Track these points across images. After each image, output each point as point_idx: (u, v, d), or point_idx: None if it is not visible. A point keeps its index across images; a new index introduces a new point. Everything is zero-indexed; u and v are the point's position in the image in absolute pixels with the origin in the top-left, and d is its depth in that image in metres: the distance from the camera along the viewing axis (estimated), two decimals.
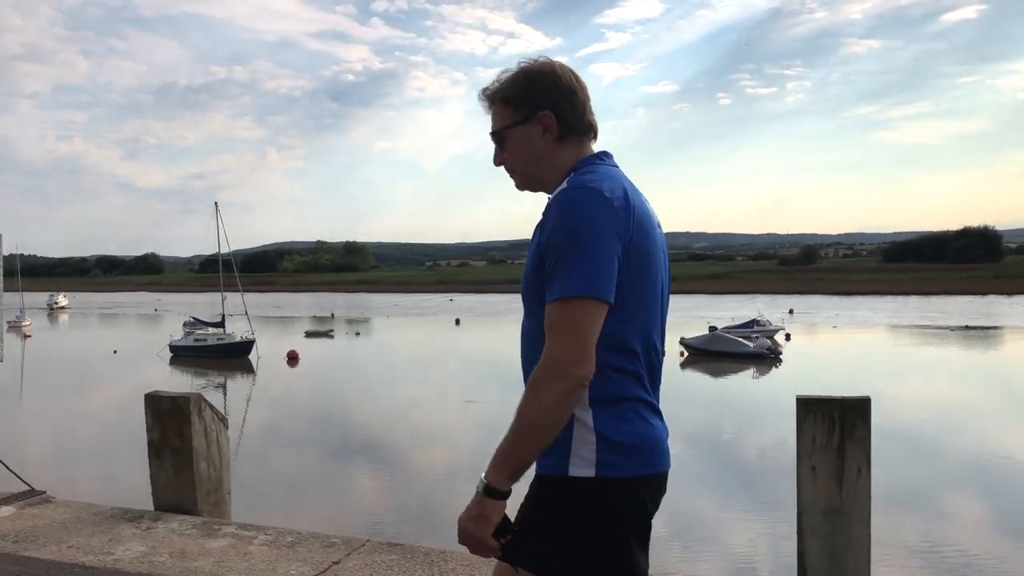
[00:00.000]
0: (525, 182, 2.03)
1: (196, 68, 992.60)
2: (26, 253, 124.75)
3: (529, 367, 1.84)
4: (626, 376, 1.86)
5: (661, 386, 1.97)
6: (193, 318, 51.10)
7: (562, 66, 1.99)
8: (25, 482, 5.41)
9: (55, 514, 4.75)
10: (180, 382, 36.20)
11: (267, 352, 41.92)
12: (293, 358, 40.35)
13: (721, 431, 22.56)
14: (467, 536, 1.81)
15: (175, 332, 48.96)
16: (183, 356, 42.93)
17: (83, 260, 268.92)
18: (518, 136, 1.97)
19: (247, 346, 42.38)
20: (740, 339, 40.39)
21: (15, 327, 64.10)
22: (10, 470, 5.51)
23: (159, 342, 46.80)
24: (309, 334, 56.64)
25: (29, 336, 57.97)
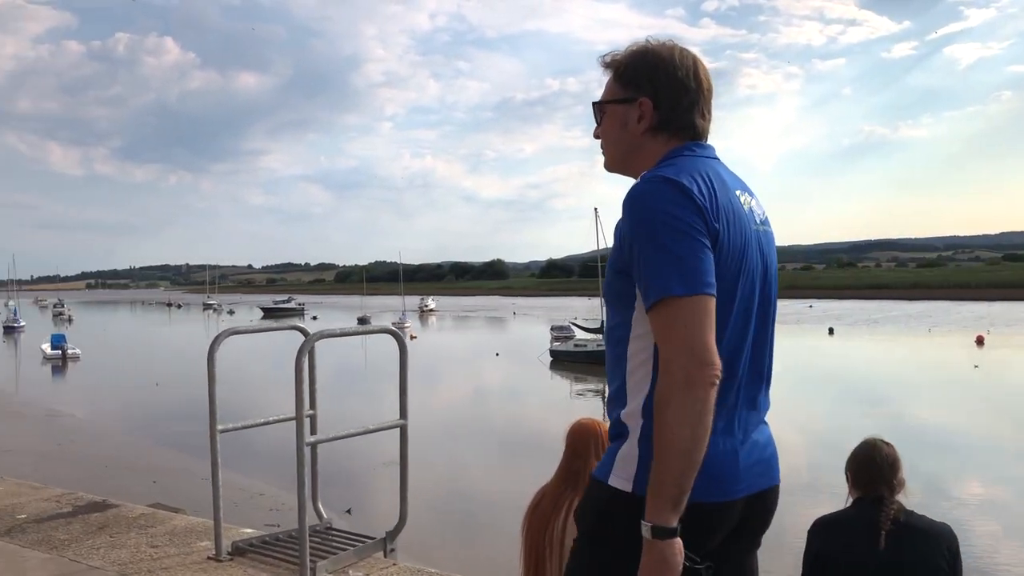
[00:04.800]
0: (612, 163, 1.94)
1: (532, 82, 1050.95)
2: (395, 261, 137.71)
3: (608, 364, 1.82)
4: None
5: None
6: (570, 322, 52.03)
7: (684, 55, 1.85)
8: None
9: None
10: (561, 386, 36.50)
11: None
12: None
13: None
14: None
15: (535, 335, 49.86)
16: (562, 360, 43.33)
17: (438, 266, 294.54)
18: (614, 115, 1.88)
19: None
20: None
21: (399, 329, 69.83)
22: None
23: (528, 343, 47.91)
24: None
25: (415, 337, 62.47)
